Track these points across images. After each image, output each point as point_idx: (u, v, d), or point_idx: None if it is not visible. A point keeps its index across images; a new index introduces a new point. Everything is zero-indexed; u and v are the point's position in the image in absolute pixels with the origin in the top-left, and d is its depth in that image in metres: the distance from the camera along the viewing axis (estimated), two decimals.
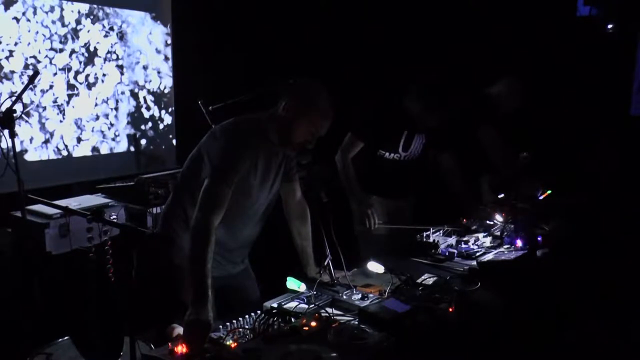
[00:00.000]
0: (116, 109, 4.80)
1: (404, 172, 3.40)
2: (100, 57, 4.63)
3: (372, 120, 3.31)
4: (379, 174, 3.39)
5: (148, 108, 5.07)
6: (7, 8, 4.02)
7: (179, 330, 2.10)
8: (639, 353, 3.01)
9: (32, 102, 4.21)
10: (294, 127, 2.36)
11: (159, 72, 5.13)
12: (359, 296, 2.34)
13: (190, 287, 2.12)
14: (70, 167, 4.49)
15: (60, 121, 4.41)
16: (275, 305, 2.27)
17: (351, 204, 3.41)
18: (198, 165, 2.37)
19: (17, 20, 4.09)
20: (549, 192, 3.69)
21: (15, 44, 4.08)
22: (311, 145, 2.42)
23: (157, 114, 5.15)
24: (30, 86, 3.31)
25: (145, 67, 5.00)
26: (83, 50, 4.51)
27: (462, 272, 2.67)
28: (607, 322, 3.15)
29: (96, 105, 4.65)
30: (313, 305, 2.25)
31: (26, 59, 4.16)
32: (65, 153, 4.47)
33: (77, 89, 4.50)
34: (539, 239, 3.00)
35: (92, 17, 4.55)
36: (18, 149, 3.72)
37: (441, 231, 3.16)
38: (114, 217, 3.39)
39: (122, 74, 4.82)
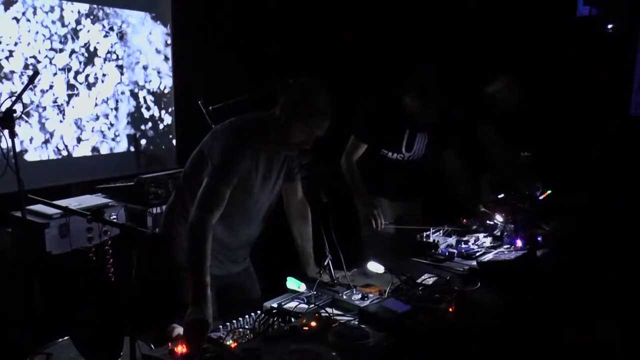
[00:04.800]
0: (116, 109, 4.80)
1: (409, 173, 3.39)
2: (100, 57, 4.63)
3: (372, 120, 3.31)
4: (384, 175, 3.38)
5: (148, 108, 5.07)
6: (7, 8, 4.02)
7: (179, 330, 2.10)
8: (639, 353, 3.01)
9: (32, 102, 4.21)
10: (291, 127, 2.37)
11: (159, 72, 5.13)
12: (359, 296, 2.34)
13: (189, 286, 2.13)
14: (70, 167, 4.48)
15: (60, 121, 4.40)
16: (275, 305, 2.28)
17: (357, 207, 3.41)
18: (200, 165, 2.38)
19: (17, 20, 4.09)
20: (549, 192, 3.69)
21: (15, 44, 4.08)
22: (308, 146, 2.43)
23: (157, 114, 5.15)
24: (30, 86, 3.31)
25: (145, 67, 5.00)
26: (83, 50, 4.51)
27: (462, 272, 2.67)
28: (607, 322, 3.15)
29: (96, 105, 4.65)
30: (313, 305, 2.25)
31: (26, 59, 4.16)
32: (65, 153, 4.47)
33: (77, 89, 4.50)
34: (539, 239, 3.00)
35: (92, 17, 4.55)
36: (18, 149, 3.72)
37: (441, 231, 3.16)
38: (114, 217, 3.39)
39: (122, 74, 4.82)
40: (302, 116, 2.36)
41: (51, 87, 4.32)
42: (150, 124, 5.10)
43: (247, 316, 2.12)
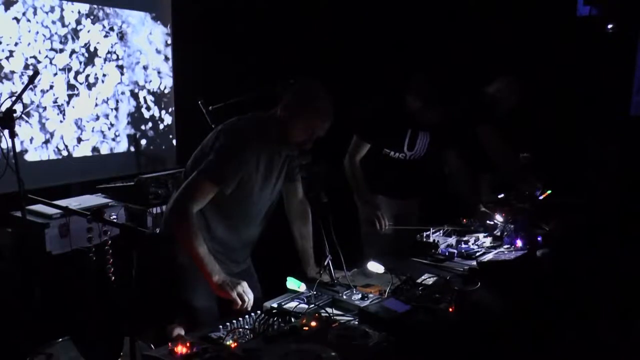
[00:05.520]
0: (116, 109, 4.80)
1: (410, 172, 3.40)
2: (100, 57, 4.63)
3: (375, 119, 3.32)
4: (386, 173, 3.39)
5: (148, 108, 5.07)
6: (7, 8, 4.02)
7: (179, 330, 2.10)
8: (639, 353, 3.01)
9: (32, 102, 4.21)
10: (291, 127, 2.38)
11: (159, 72, 5.13)
12: (359, 296, 2.34)
13: (195, 262, 2.25)
14: (70, 167, 4.48)
15: (61, 121, 4.40)
16: (275, 305, 2.28)
17: (358, 206, 3.41)
18: (200, 165, 2.38)
19: (17, 20, 4.09)
20: (549, 192, 3.69)
21: (16, 44, 4.08)
22: (309, 146, 2.43)
23: (157, 114, 5.15)
24: (30, 86, 3.30)
25: (145, 67, 5.00)
26: (83, 50, 4.51)
27: (462, 272, 2.67)
28: (607, 322, 3.15)
29: (96, 105, 4.65)
30: (313, 305, 2.25)
31: (26, 59, 4.15)
32: (65, 153, 4.47)
33: (77, 89, 4.50)
34: (539, 239, 3.00)
35: (92, 17, 4.55)
36: (18, 149, 3.72)
37: (441, 231, 3.16)
38: (114, 217, 3.39)
39: (122, 74, 4.81)
40: (302, 116, 2.36)
41: (51, 87, 4.32)
42: (150, 124, 5.10)
43: (247, 316, 2.12)
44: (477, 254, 2.89)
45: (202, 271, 2.26)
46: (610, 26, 4.93)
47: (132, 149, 4.96)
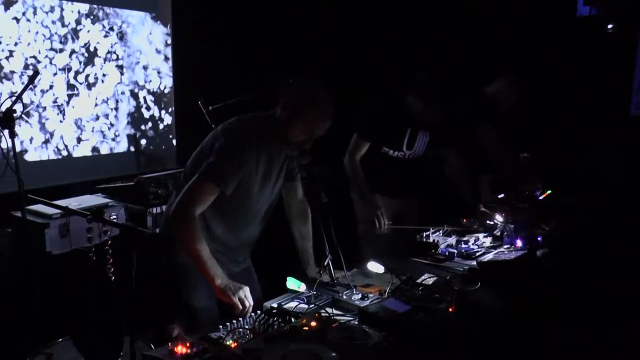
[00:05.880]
0: (116, 109, 4.80)
1: (409, 171, 3.40)
2: (100, 57, 4.63)
3: (375, 118, 3.32)
4: (385, 172, 3.40)
5: (148, 108, 5.07)
6: (7, 8, 4.02)
7: (179, 330, 2.10)
8: (639, 353, 3.01)
9: (32, 102, 4.21)
10: (291, 126, 2.38)
11: (159, 72, 5.13)
12: (359, 296, 2.34)
13: (198, 265, 2.25)
14: (70, 167, 4.48)
15: (60, 121, 4.40)
16: (275, 305, 2.28)
17: (355, 204, 3.41)
18: (200, 165, 2.38)
19: (17, 20, 4.09)
20: (549, 192, 3.69)
21: (15, 44, 4.08)
22: (308, 146, 2.43)
23: (157, 114, 5.15)
24: (30, 86, 3.31)
25: (145, 67, 5.00)
26: (83, 50, 4.51)
27: (462, 272, 2.67)
28: (607, 322, 3.15)
29: (96, 105, 4.65)
30: (313, 305, 2.25)
31: (26, 59, 4.15)
32: (65, 153, 4.47)
33: (77, 89, 4.50)
34: (539, 239, 3.00)
35: (92, 17, 4.55)
36: (18, 149, 3.71)
37: (441, 231, 3.16)
38: (114, 217, 3.38)
39: (122, 74, 4.82)
40: (302, 116, 2.36)
41: (51, 87, 4.32)
42: (150, 124, 5.10)
43: (247, 316, 2.12)
44: (477, 254, 2.89)
45: (205, 274, 2.26)
46: (610, 26, 4.93)
47: (132, 149, 4.96)
